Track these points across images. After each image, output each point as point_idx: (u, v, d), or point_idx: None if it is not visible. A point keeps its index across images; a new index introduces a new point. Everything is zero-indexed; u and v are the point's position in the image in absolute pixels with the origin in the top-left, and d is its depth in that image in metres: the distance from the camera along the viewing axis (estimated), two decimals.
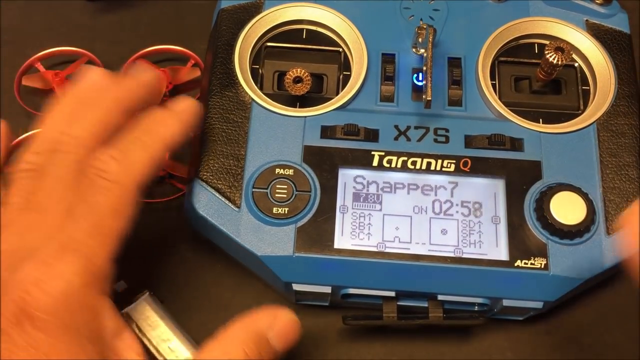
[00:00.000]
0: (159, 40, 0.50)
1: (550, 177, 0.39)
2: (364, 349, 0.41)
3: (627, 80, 0.42)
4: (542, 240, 0.38)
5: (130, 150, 0.33)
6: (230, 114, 0.41)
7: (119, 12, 0.53)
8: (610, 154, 0.40)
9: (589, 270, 0.37)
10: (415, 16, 0.45)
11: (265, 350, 0.33)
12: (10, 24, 0.52)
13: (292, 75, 0.40)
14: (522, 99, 0.43)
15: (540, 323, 0.42)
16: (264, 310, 0.35)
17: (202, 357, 0.33)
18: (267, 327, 0.34)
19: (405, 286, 0.38)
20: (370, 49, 0.43)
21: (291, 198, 0.38)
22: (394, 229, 0.38)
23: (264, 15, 0.44)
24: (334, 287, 0.38)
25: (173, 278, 0.43)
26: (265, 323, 0.34)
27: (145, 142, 0.34)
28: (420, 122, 0.41)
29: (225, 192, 0.39)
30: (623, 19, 0.45)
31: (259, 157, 0.40)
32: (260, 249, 0.37)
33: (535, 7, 0.45)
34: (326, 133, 0.40)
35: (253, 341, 0.33)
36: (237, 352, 0.32)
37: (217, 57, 0.43)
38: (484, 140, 0.40)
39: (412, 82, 0.43)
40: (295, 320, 0.35)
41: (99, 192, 0.32)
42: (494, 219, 0.38)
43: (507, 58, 0.44)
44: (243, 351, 0.32)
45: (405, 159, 0.40)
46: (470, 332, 0.41)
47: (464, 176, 0.39)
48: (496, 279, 0.37)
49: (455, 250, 0.38)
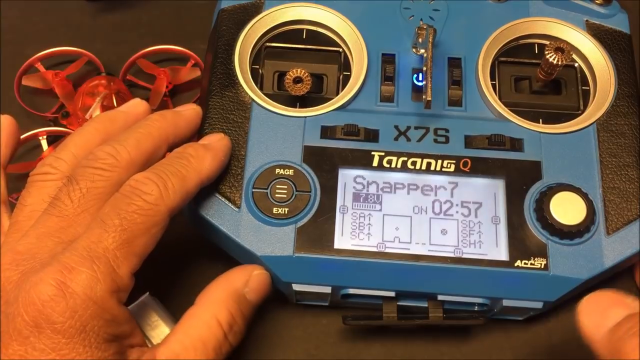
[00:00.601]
0: (159, 40, 0.50)
1: (550, 177, 0.39)
2: (364, 349, 0.41)
3: (627, 80, 0.42)
4: (542, 240, 0.38)
5: (170, 179, 0.34)
6: (230, 114, 0.41)
7: (119, 12, 0.53)
8: (610, 154, 0.40)
9: (589, 271, 0.37)
10: (415, 16, 0.45)
11: (245, 306, 0.36)
12: (10, 24, 0.52)
13: (292, 75, 0.40)
14: (522, 99, 0.43)
15: (540, 323, 0.42)
16: (236, 269, 0.37)
17: (192, 323, 0.34)
18: (243, 284, 0.36)
19: (405, 286, 0.38)
20: (370, 49, 0.43)
21: (291, 198, 0.38)
22: (394, 229, 0.38)
23: (264, 15, 0.44)
24: (334, 287, 0.38)
25: (173, 278, 0.43)
26: (241, 281, 0.37)
27: (183, 175, 0.35)
28: (420, 123, 0.41)
29: (225, 192, 0.39)
30: (623, 19, 0.45)
31: (259, 157, 0.40)
32: (260, 249, 0.38)
33: (535, 7, 0.45)
34: (326, 133, 0.40)
35: (233, 299, 0.36)
36: (221, 311, 0.35)
37: (217, 57, 0.43)
38: (484, 140, 0.40)
39: (412, 82, 0.43)
40: (267, 275, 0.37)
41: (136, 211, 0.33)
42: (494, 219, 0.38)
43: (507, 58, 0.44)
44: (227, 310, 0.35)
45: (405, 159, 0.40)
46: (470, 332, 0.41)
47: (464, 176, 0.39)
48: (496, 279, 0.37)
49: (455, 250, 0.38)
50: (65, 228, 0.33)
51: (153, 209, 0.33)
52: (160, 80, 0.48)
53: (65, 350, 0.30)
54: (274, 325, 0.42)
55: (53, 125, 0.48)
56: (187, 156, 0.36)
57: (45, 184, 0.35)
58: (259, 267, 0.37)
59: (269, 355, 0.41)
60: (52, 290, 0.30)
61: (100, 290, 0.31)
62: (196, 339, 0.34)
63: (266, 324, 0.41)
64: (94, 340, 0.30)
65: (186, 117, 0.39)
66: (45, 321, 0.30)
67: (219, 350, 0.34)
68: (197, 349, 0.33)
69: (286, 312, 0.42)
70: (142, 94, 0.49)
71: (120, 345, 0.32)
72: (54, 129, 0.47)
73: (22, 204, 0.35)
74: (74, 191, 0.33)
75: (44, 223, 0.33)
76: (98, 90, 0.47)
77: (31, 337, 0.30)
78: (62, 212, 0.33)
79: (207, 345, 0.34)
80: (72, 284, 0.30)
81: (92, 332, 0.30)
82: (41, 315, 0.30)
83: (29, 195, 0.35)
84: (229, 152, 0.38)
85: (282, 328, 0.42)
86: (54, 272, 0.30)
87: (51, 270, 0.30)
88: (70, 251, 0.31)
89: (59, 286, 0.30)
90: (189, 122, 0.39)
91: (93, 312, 0.30)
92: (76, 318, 0.30)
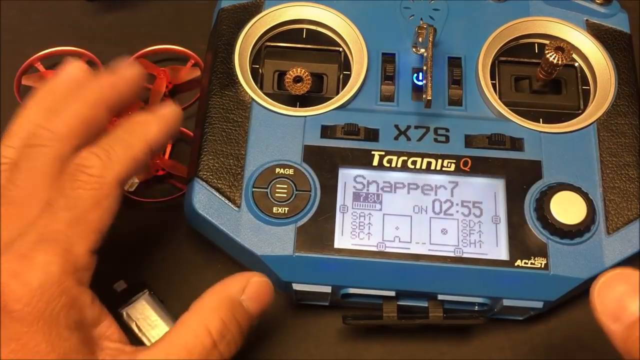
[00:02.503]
0: (159, 40, 0.50)
1: (550, 176, 0.39)
2: (364, 349, 0.41)
3: (627, 80, 0.42)
4: (542, 240, 0.38)
5: (112, 148, 0.33)
6: (230, 114, 0.41)
7: (119, 12, 0.53)
8: (610, 153, 0.40)
9: (589, 270, 0.37)
10: (415, 16, 0.45)
11: (240, 314, 0.34)
12: (10, 24, 0.52)
13: (292, 74, 0.40)
14: (522, 99, 0.43)
15: (540, 323, 0.41)
16: (234, 276, 0.35)
17: (179, 330, 0.33)
18: (239, 291, 0.34)
19: (405, 286, 0.38)
20: (370, 49, 0.43)
21: (291, 198, 0.38)
22: (394, 229, 0.38)
23: (264, 14, 0.44)
24: (334, 286, 0.38)
25: (173, 278, 0.43)
26: (236, 288, 0.34)
27: (127, 141, 0.34)
28: (421, 122, 0.41)
29: (225, 192, 0.39)
30: (623, 18, 0.45)
31: (259, 156, 0.40)
32: (260, 248, 0.37)
33: (536, 6, 0.45)
34: (326, 133, 0.40)
35: (227, 307, 0.33)
36: (213, 320, 0.33)
37: (217, 57, 0.43)
38: (484, 139, 0.40)
39: (412, 81, 0.43)
40: (268, 282, 0.35)
41: (80, 186, 0.32)
42: (494, 218, 0.38)
43: (508, 58, 0.44)
44: (219, 318, 0.33)
45: (405, 158, 0.40)
46: (470, 332, 0.41)
47: (464, 176, 0.39)
48: (496, 279, 0.37)
49: (455, 250, 0.38)
50: (15, 215, 0.32)
51: (98, 181, 0.32)
52: (160, 80, 0.48)
53: (25, 340, 0.29)
54: (274, 325, 0.42)
55: None
56: (132, 124, 0.35)
57: None
58: (259, 274, 0.35)
59: (269, 355, 0.41)
60: (6, 278, 0.29)
61: (55, 273, 0.30)
62: (181, 347, 0.32)
63: (266, 324, 0.41)
64: (54, 328, 0.29)
65: (125, 76, 0.36)
66: (3, 310, 0.29)
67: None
68: (180, 357, 0.32)
69: (286, 312, 0.42)
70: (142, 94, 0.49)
71: (86, 334, 0.31)
72: None
73: None
74: (15, 174, 0.32)
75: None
76: None
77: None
78: (9, 199, 0.32)
79: (192, 353, 0.32)
80: (26, 271, 0.29)
81: (50, 318, 0.29)
82: None
83: None
84: (179, 118, 0.37)
85: (282, 328, 0.42)
86: (6, 261, 0.30)
87: (4, 260, 0.30)
88: (21, 238, 0.31)
89: (13, 274, 0.29)
90: (128, 82, 0.36)
91: (49, 296, 0.29)
92: (33, 304, 0.29)
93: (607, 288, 0.29)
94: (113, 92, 0.36)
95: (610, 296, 0.28)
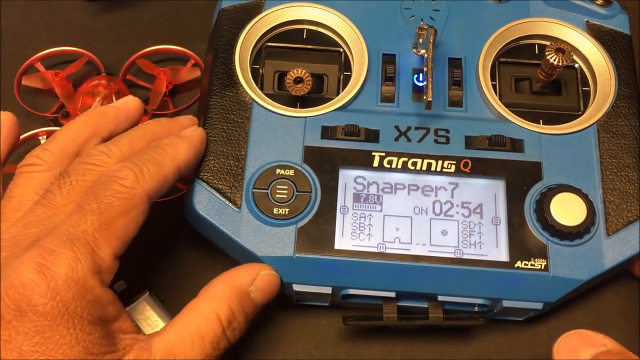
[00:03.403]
0: (159, 40, 0.50)
1: (550, 178, 0.39)
2: (364, 349, 0.41)
3: (627, 81, 0.42)
4: (542, 241, 0.38)
5: (145, 165, 0.35)
6: (230, 114, 0.41)
7: (119, 12, 0.53)
8: (610, 155, 0.40)
9: (589, 272, 0.37)
10: (415, 16, 0.45)
11: (248, 305, 0.36)
12: (10, 24, 0.52)
13: (292, 75, 0.40)
14: (523, 100, 0.43)
15: (540, 323, 0.42)
16: (244, 267, 0.37)
17: (191, 314, 0.35)
18: (249, 283, 0.36)
19: (405, 287, 0.38)
20: (370, 50, 0.43)
21: (292, 198, 0.38)
22: (395, 230, 0.38)
23: (264, 15, 0.44)
24: (334, 287, 0.38)
25: (173, 278, 0.43)
26: (246, 279, 0.37)
27: (158, 160, 0.36)
28: (421, 123, 0.41)
29: (225, 193, 0.39)
30: (623, 20, 0.45)
31: (260, 157, 0.40)
32: (260, 249, 0.37)
33: (536, 7, 0.45)
34: (327, 133, 0.40)
35: (236, 296, 0.36)
36: (222, 307, 0.35)
37: (218, 57, 0.43)
38: (485, 141, 0.40)
39: (412, 82, 0.43)
40: (276, 275, 0.37)
41: (112, 194, 0.33)
42: (494, 219, 0.38)
43: (508, 59, 0.44)
44: (228, 307, 0.35)
45: (405, 159, 0.40)
46: (470, 332, 0.41)
47: (464, 177, 0.39)
48: (496, 280, 0.37)
49: (455, 251, 0.38)
50: (51, 217, 0.34)
51: (130, 192, 0.34)
52: (160, 80, 0.48)
53: (49, 333, 0.30)
54: (274, 325, 0.42)
55: (53, 125, 0.48)
56: (162, 145, 0.37)
57: (31, 175, 0.36)
58: (268, 267, 0.37)
59: (269, 355, 0.41)
60: (33, 272, 0.30)
61: (81, 270, 0.31)
62: (194, 332, 0.34)
63: (266, 324, 0.41)
64: (78, 322, 0.30)
65: (181, 124, 0.40)
66: (27, 304, 0.30)
67: (217, 345, 0.34)
68: (194, 342, 0.34)
69: (286, 312, 0.42)
70: (142, 94, 0.49)
71: (107, 329, 0.32)
72: (54, 128, 0.47)
73: (9, 195, 0.36)
74: (64, 183, 0.34)
75: (32, 212, 0.34)
76: (98, 90, 0.47)
77: (14, 321, 0.30)
78: (51, 202, 0.34)
79: (204, 338, 0.34)
80: (53, 266, 0.30)
81: (75, 313, 0.30)
82: (22, 298, 0.30)
83: (15, 186, 0.36)
84: (204, 140, 0.39)
85: (282, 328, 0.42)
86: (34, 255, 0.31)
87: (31, 254, 0.31)
88: (50, 236, 0.32)
89: (39, 268, 0.30)
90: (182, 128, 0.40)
91: (75, 292, 0.30)
92: (58, 299, 0.30)
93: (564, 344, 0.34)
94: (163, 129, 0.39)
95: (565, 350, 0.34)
